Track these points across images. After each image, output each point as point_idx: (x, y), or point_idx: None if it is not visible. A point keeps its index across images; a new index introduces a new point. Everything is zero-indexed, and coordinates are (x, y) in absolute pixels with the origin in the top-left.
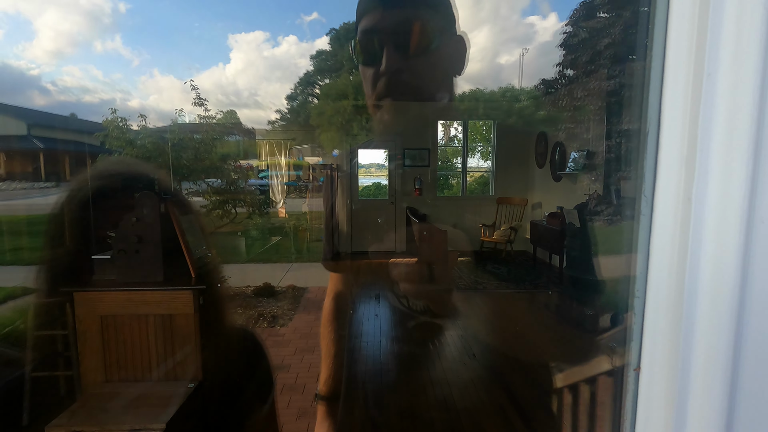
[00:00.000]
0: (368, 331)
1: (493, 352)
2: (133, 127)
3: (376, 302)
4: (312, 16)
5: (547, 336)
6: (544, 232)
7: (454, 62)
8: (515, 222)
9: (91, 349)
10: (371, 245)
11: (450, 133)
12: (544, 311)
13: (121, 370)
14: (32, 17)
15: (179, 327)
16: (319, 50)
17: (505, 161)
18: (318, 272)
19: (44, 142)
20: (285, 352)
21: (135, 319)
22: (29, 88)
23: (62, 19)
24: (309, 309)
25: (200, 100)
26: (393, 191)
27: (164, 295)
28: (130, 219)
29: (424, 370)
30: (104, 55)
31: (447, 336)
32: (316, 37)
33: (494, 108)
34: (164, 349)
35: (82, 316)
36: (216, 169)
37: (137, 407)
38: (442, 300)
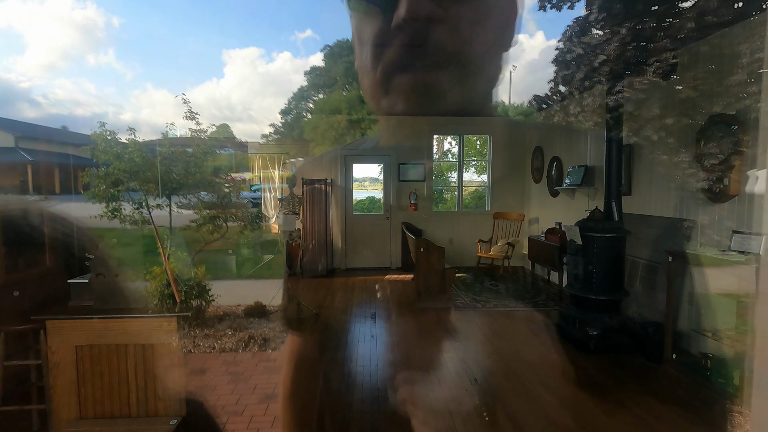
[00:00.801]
0: (364, 354)
1: (497, 377)
2: (122, 140)
3: (372, 322)
4: (306, 33)
5: (553, 360)
6: (543, 248)
7: (505, 26)
8: (512, 238)
9: (64, 383)
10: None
11: (443, 147)
12: (546, 332)
13: (97, 405)
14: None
15: (161, 357)
16: (313, 66)
17: (501, 176)
18: (311, 289)
19: (32, 154)
20: (277, 379)
21: (113, 350)
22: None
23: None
24: (302, 330)
25: (191, 114)
26: (388, 206)
27: (145, 323)
28: (111, 240)
29: (425, 398)
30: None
31: (448, 359)
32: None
33: (489, 122)
34: (144, 382)
35: (55, 346)
36: (207, 183)
37: None
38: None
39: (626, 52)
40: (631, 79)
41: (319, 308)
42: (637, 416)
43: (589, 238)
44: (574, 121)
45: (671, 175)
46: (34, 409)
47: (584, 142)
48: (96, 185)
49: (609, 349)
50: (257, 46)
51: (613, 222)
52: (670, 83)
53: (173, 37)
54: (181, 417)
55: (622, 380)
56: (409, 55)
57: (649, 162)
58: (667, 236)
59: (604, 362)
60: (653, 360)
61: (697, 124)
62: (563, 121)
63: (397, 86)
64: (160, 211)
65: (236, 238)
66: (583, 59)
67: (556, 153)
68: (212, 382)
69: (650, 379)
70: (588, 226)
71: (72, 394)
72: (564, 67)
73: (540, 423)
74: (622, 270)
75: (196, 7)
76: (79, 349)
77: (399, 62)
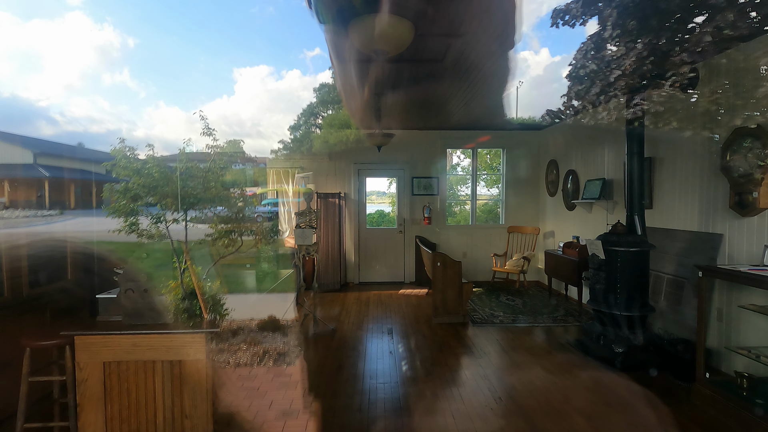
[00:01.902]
0: (384, 370)
1: (523, 395)
2: (141, 156)
3: (390, 338)
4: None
5: (579, 378)
6: (561, 263)
7: (505, 21)
8: (527, 251)
9: (91, 400)
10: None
11: (452, 161)
12: (569, 348)
13: (123, 423)
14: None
15: (189, 375)
16: (322, 83)
17: (515, 189)
18: (326, 304)
19: (50, 170)
20: (293, 394)
21: (141, 366)
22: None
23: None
24: (318, 345)
25: (209, 130)
26: (401, 220)
27: (174, 339)
28: (140, 255)
29: (449, 417)
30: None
31: (470, 376)
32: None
33: (501, 136)
34: (172, 399)
35: (82, 362)
36: (222, 198)
37: None
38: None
39: (642, 66)
40: (650, 91)
41: (334, 323)
42: None
43: (612, 253)
44: (591, 134)
45: (695, 188)
46: (56, 427)
47: (601, 155)
48: (116, 200)
49: (636, 366)
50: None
51: (636, 236)
52: (691, 96)
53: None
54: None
55: (652, 400)
56: (399, 69)
57: (672, 175)
58: (693, 250)
59: (632, 380)
60: (684, 379)
61: (722, 137)
62: (582, 135)
63: (391, 106)
64: (176, 225)
65: (251, 252)
66: (597, 74)
67: (572, 166)
68: (228, 397)
69: (682, 399)
70: (611, 240)
71: (98, 411)
72: (578, 82)
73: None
74: (646, 285)
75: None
76: (107, 365)
77: (390, 78)
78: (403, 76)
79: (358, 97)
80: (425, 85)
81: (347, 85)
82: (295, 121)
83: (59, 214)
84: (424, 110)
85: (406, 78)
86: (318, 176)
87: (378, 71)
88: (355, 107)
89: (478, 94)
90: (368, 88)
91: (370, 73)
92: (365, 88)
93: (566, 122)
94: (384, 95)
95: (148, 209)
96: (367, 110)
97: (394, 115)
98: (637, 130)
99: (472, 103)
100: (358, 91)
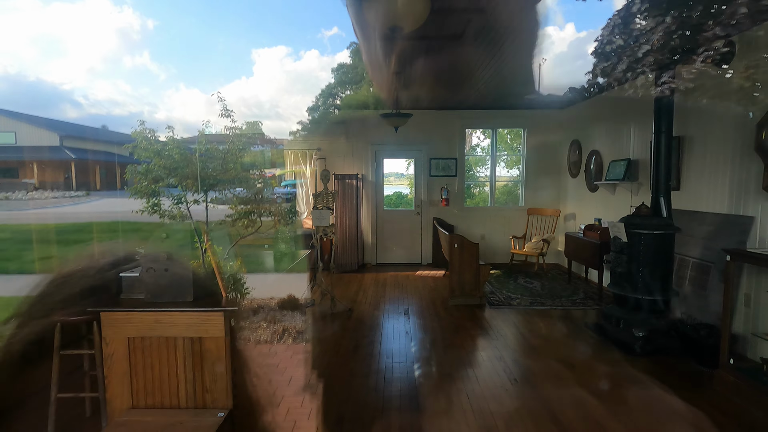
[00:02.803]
0: (400, 350)
1: (539, 378)
2: (161, 138)
3: (406, 318)
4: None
5: (597, 362)
6: (581, 245)
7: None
8: (547, 234)
9: (117, 374)
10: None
11: (471, 141)
12: (587, 332)
13: (148, 396)
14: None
15: (209, 351)
16: (340, 63)
17: (536, 170)
18: (343, 284)
19: (76, 152)
20: (311, 372)
21: (163, 342)
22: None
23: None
24: (335, 325)
25: (227, 111)
26: (419, 201)
27: (194, 317)
28: (161, 235)
29: (463, 397)
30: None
31: (486, 358)
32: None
33: (522, 116)
34: (193, 374)
35: (109, 337)
36: (241, 179)
37: None
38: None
39: (672, 41)
40: (680, 68)
41: (351, 303)
42: (693, 424)
43: (635, 235)
44: (618, 111)
45: (726, 168)
46: (87, 397)
47: (627, 135)
48: (138, 181)
49: (656, 351)
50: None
51: (661, 218)
52: (725, 72)
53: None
54: (228, 410)
55: (673, 385)
56: (418, 46)
57: (701, 155)
58: (721, 234)
59: (652, 365)
60: (707, 364)
61: (756, 115)
62: (607, 113)
63: (417, 75)
64: (196, 206)
65: (270, 233)
66: (625, 50)
67: (595, 146)
68: (248, 373)
69: (705, 385)
70: (634, 222)
71: (125, 384)
72: (604, 59)
73: (587, 427)
74: (670, 269)
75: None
76: (131, 340)
77: (416, 48)
78: (422, 52)
79: (383, 72)
80: (446, 61)
81: (373, 60)
82: (314, 102)
83: (85, 195)
84: (448, 86)
85: (425, 55)
86: (335, 157)
87: (398, 48)
88: (381, 82)
89: (505, 66)
90: (390, 65)
91: (391, 49)
92: (388, 64)
93: (591, 100)
94: (404, 72)
95: (169, 190)
96: (390, 86)
97: (415, 93)
98: (665, 108)
99: (496, 78)
100: (382, 66)
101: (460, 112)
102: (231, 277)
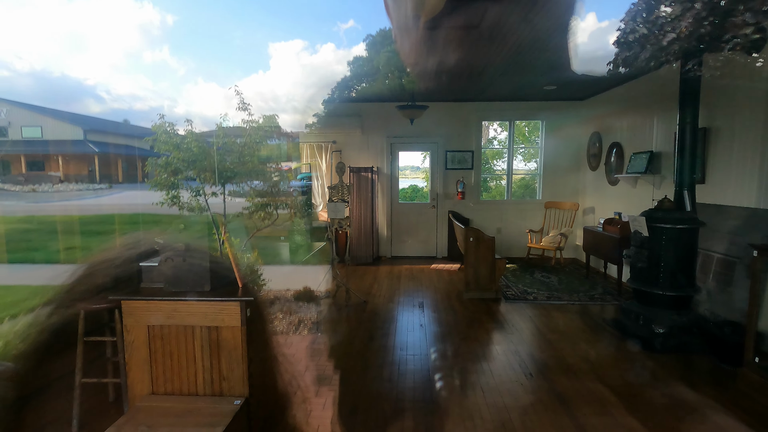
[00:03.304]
0: (414, 342)
1: (554, 372)
2: (180, 131)
3: (421, 311)
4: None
5: (615, 358)
6: (600, 240)
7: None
8: (565, 228)
9: (138, 360)
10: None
11: (488, 134)
12: (605, 327)
13: (167, 382)
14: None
15: (226, 340)
16: (356, 56)
17: (554, 163)
18: (358, 277)
19: (99, 146)
20: (326, 362)
21: (181, 330)
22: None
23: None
24: (350, 316)
25: (244, 105)
26: (434, 194)
27: (211, 306)
28: (178, 225)
29: (478, 391)
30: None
31: (501, 352)
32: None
33: (540, 108)
34: (210, 362)
35: (129, 325)
36: (258, 172)
37: (183, 426)
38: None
39: (700, 28)
40: (708, 56)
41: (366, 295)
42: (714, 422)
43: (656, 230)
44: (640, 102)
45: (756, 161)
46: (110, 383)
47: (649, 126)
48: (158, 174)
49: (677, 348)
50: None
51: (684, 212)
52: (754, 60)
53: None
54: (244, 398)
55: (694, 383)
56: (435, 36)
57: (728, 147)
58: (749, 228)
59: (672, 362)
60: (730, 363)
61: None
62: (629, 104)
63: (445, 36)
64: (214, 198)
65: (286, 225)
66: (648, 39)
67: (617, 138)
68: (264, 363)
69: (727, 384)
70: (656, 216)
71: (145, 371)
72: (626, 48)
73: (604, 423)
74: (693, 264)
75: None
76: (151, 328)
77: (445, 7)
78: (440, 43)
79: (412, 34)
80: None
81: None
82: (329, 95)
83: (108, 187)
84: (472, 79)
85: (443, 45)
86: (351, 150)
87: (419, 35)
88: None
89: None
90: (423, 21)
91: (414, 37)
92: (416, 53)
93: (612, 92)
94: (427, 62)
95: (188, 183)
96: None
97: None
98: (690, 97)
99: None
100: (412, 27)
101: (477, 104)
102: (248, 269)
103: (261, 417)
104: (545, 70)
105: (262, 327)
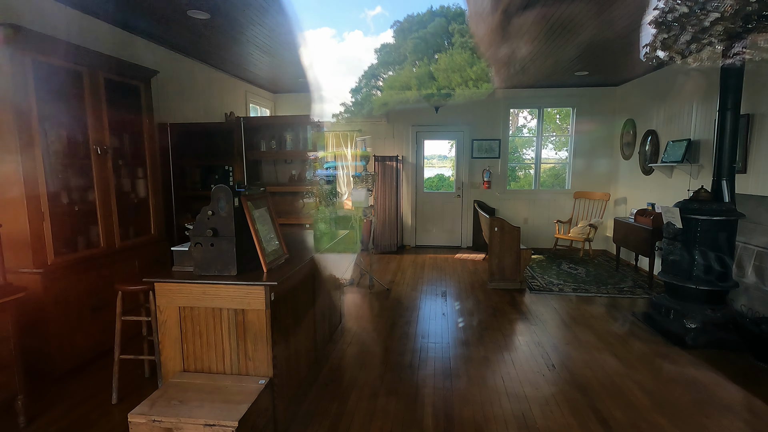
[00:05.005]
0: (436, 331)
1: (578, 365)
2: None
3: (443, 300)
4: (376, 10)
5: (643, 352)
6: (632, 231)
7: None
8: (595, 219)
9: (170, 339)
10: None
11: (518, 122)
12: (634, 321)
13: (197, 361)
14: None
15: (251, 323)
16: (383, 44)
17: (584, 152)
18: (382, 265)
19: None
20: (349, 348)
21: (210, 312)
22: None
23: None
24: (373, 304)
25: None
26: (460, 184)
27: (237, 290)
28: (206, 212)
29: (498, 380)
30: None
31: (523, 342)
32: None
33: (571, 95)
34: (237, 343)
35: (162, 306)
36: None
37: (212, 401)
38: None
39: (747, 6)
40: (755, 37)
41: (390, 284)
42: (747, 422)
43: (691, 221)
44: (679, 88)
45: None
46: (146, 360)
47: (688, 113)
48: None
49: (710, 344)
50: (329, 26)
51: (722, 203)
52: None
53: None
54: (268, 378)
55: (727, 380)
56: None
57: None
58: None
59: (704, 359)
60: (766, 360)
61: None
62: (667, 90)
63: (521, 27)
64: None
65: (311, 213)
66: (689, 19)
67: (652, 126)
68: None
69: (763, 382)
70: (691, 207)
71: (177, 349)
72: (665, 30)
73: (628, 417)
74: (730, 258)
75: None
76: (182, 309)
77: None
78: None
79: (488, 21)
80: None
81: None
82: (356, 84)
83: None
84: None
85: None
86: (376, 139)
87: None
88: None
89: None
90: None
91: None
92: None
93: (647, 77)
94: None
95: None
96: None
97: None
98: (733, 82)
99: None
100: (489, 15)
101: (505, 90)
102: (272, 253)
103: (286, 396)
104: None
105: (287, 311)
